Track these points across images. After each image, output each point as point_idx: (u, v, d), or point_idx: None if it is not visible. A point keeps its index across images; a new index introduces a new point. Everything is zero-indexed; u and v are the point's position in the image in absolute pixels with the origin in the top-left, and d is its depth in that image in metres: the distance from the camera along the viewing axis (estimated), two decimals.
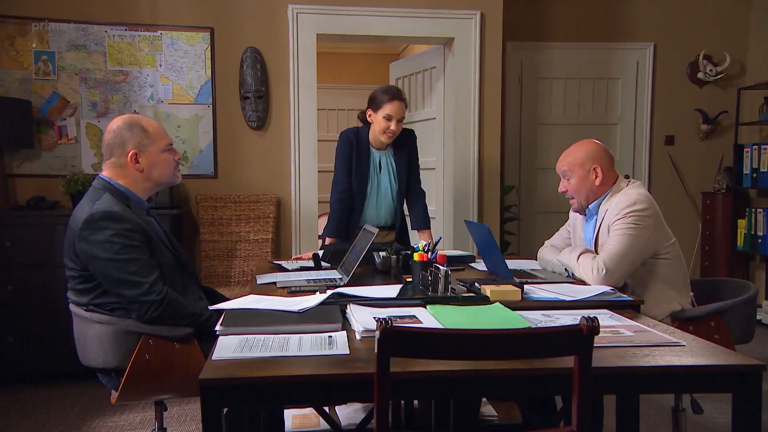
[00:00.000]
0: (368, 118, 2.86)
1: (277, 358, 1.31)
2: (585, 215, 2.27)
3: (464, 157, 3.99)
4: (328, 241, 2.88)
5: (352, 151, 2.85)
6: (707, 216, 4.80)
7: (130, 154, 1.88)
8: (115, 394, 1.83)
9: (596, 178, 2.14)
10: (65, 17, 3.54)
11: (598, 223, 2.15)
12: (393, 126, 2.77)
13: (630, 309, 1.79)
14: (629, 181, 2.18)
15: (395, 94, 2.79)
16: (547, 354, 1.25)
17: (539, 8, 4.70)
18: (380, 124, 2.78)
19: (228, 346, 1.37)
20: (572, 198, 2.21)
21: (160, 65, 3.67)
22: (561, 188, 2.22)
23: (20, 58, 3.52)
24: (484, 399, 2.47)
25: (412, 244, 2.81)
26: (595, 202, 2.18)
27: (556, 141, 4.67)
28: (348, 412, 2.49)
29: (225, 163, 3.79)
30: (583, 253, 2.09)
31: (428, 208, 3.05)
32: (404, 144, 2.94)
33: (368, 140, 2.88)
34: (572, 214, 2.37)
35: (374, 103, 2.82)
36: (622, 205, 2.04)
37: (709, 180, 4.87)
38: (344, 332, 1.49)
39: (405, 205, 3.07)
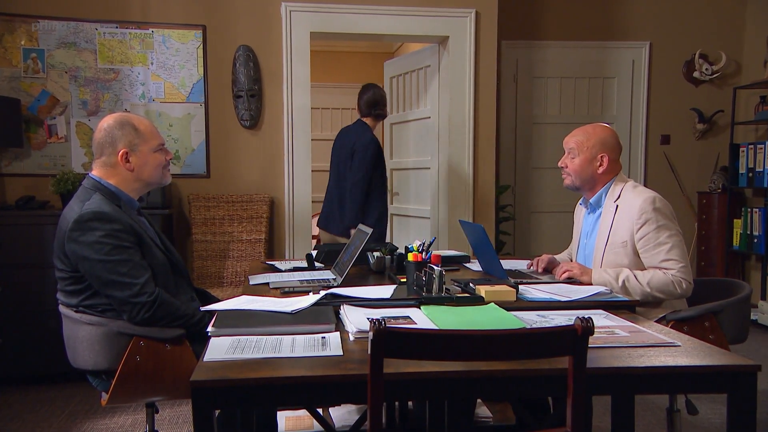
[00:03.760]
0: (375, 123, 3.53)
1: (269, 360, 1.29)
2: (582, 199, 2.28)
3: (459, 157, 3.98)
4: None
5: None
6: (703, 216, 4.80)
7: (120, 154, 1.86)
8: (105, 397, 1.81)
9: (600, 166, 2.14)
10: (55, 14, 3.51)
11: (609, 219, 2.12)
12: None
13: (625, 309, 1.78)
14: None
15: None
16: (541, 355, 1.24)
17: (534, 6, 4.69)
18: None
19: (220, 348, 1.36)
20: (568, 175, 2.19)
21: (152, 63, 3.63)
22: (561, 163, 2.21)
23: (9, 55, 3.48)
24: (479, 400, 2.46)
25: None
26: (597, 195, 2.18)
27: (552, 140, 4.66)
28: (342, 414, 2.47)
29: (217, 163, 3.76)
30: (621, 273, 2.01)
31: (422, 207, 3.09)
32: None
33: None
34: (576, 207, 2.38)
35: (383, 111, 3.55)
36: (645, 205, 2.02)
37: (705, 179, 4.88)
38: (337, 333, 1.48)
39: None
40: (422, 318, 1.58)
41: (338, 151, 3.57)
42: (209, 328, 1.48)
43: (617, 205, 2.11)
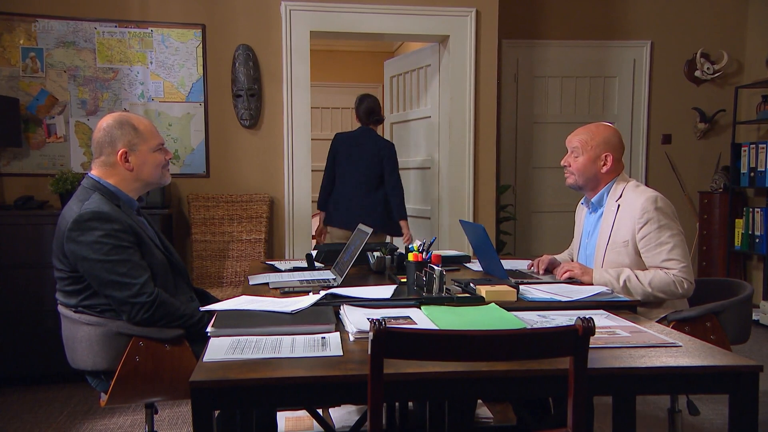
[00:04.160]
0: (375, 128, 3.71)
1: (269, 360, 1.29)
2: (584, 199, 2.28)
3: (459, 156, 3.97)
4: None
5: None
6: (704, 215, 4.79)
7: (120, 153, 1.85)
8: (104, 397, 1.80)
9: (604, 165, 2.13)
10: (54, 13, 3.50)
11: (610, 219, 2.11)
12: None
13: (626, 309, 1.78)
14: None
15: None
16: (542, 355, 1.23)
17: (535, 5, 4.68)
18: None
19: (220, 348, 1.35)
20: (571, 174, 2.18)
21: (151, 62, 3.63)
22: (564, 162, 2.20)
23: (7, 54, 3.47)
24: (479, 401, 2.45)
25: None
26: (599, 194, 2.17)
27: (553, 140, 4.66)
28: (341, 415, 2.47)
29: (217, 162, 3.75)
30: (622, 273, 2.00)
31: (424, 207, 3.12)
32: None
33: None
34: (578, 207, 2.37)
35: (380, 117, 3.74)
36: (647, 204, 2.01)
37: (707, 179, 4.87)
38: (337, 333, 1.47)
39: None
40: (422, 318, 1.57)
41: (356, 156, 3.64)
42: (209, 329, 1.47)
43: (619, 205, 2.10)
